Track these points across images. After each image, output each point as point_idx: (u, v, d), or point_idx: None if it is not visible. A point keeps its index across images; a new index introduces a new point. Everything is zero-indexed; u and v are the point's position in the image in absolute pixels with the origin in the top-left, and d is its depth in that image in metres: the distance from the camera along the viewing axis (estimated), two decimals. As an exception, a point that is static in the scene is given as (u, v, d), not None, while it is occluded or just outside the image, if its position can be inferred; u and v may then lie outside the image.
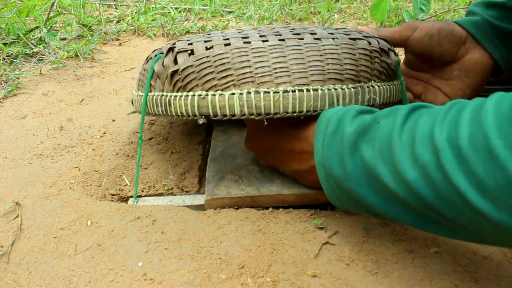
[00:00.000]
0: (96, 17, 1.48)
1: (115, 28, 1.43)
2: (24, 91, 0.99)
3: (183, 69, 0.50)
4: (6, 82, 1.01)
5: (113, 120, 0.85)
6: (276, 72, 0.48)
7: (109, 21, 1.50)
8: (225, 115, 0.48)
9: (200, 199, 0.61)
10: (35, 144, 0.76)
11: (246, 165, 0.64)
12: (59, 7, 1.56)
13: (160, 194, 0.64)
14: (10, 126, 0.82)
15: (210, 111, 0.48)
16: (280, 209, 0.57)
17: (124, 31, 1.43)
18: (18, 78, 1.04)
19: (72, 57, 1.19)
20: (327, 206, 0.59)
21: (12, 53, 1.16)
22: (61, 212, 0.57)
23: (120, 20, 1.51)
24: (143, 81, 0.59)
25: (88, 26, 1.40)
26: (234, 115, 0.48)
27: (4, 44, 1.20)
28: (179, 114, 0.50)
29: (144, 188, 0.65)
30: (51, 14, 1.37)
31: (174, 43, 0.53)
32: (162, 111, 0.53)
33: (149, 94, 0.56)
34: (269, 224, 0.54)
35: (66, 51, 1.19)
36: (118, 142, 0.77)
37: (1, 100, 0.94)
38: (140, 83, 0.62)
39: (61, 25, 1.42)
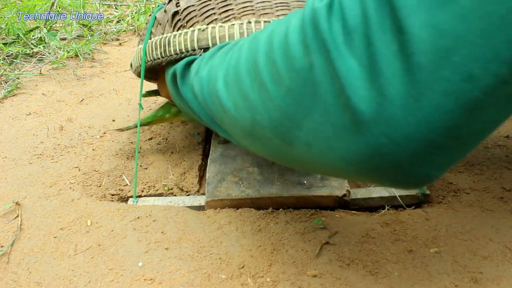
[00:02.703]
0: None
1: (115, 28, 1.43)
2: (24, 91, 0.99)
3: (185, 9, 0.51)
4: (6, 82, 1.01)
5: (113, 120, 0.85)
6: (277, 6, 0.49)
7: (109, 21, 1.50)
8: None
9: (200, 200, 0.61)
10: (35, 144, 0.76)
11: (246, 167, 0.64)
12: (59, 7, 1.56)
13: (160, 194, 0.64)
14: (10, 126, 0.82)
15: (210, 42, 0.48)
16: (280, 209, 0.57)
17: (124, 31, 1.43)
18: (18, 78, 1.04)
19: (72, 57, 1.19)
20: (327, 207, 0.59)
21: (12, 53, 1.16)
22: (61, 212, 0.57)
23: (120, 20, 1.51)
24: (144, 34, 0.59)
25: (88, 26, 1.40)
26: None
27: (4, 44, 1.19)
28: (178, 51, 0.50)
29: (144, 188, 0.65)
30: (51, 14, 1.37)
31: None
32: (161, 53, 0.53)
33: (149, 41, 0.56)
34: (269, 224, 0.54)
35: (66, 51, 1.19)
36: (118, 142, 0.77)
37: (1, 100, 0.94)
38: (141, 38, 0.62)
39: (61, 25, 1.42)
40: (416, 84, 0.22)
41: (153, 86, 0.92)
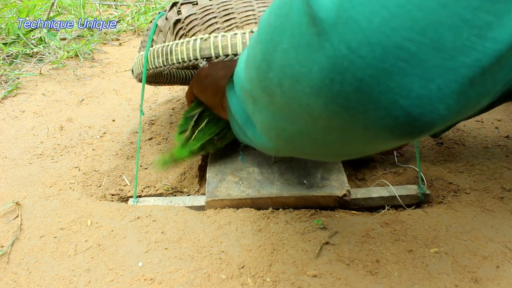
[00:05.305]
0: (96, 17, 1.47)
1: (115, 28, 1.43)
2: (24, 91, 0.99)
3: (186, 17, 0.51)
4: (6, 82, 1.01)
5: (113, 120, 0.85)
6: None
7: (109, 21, 1.50)
8: (227, 55, 0.48)
9: (200, 200, 0.61)
10: (35, 144, 0.76)
11: (246, 167, 0.64)
12: (59, 7, 1.56)
13: (160, 194, 0.64)
14: (10, 126, 0.82)
15: (212, 52, 0.48)
16: (280, 209, 0.57)
17: (124, 31, 1.43)
18: (18, 78, 1.04)
19: (72, 57, 1.19)
20: (327, 207, 0.59)
21: (12, 53, 1.16)
22: (61, 212, 0.57)
23: (120, 20, 1.51)
24: (145, 41, 0.59)
25: (88, 26, 1.40)
26: (236, 54, 0.47)
27: (4, 44, 1.20)
28: (180, 60, 0.50)
29: (144, 188, 0.65)
30: (51, 14, 1.37)
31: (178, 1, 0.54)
32: (163, 62, 0.52)
33: (150, 48, 0.56)
34: (269, 224, 0.54)
35: (66, 51, 1.19)
36: (118, 142, 0.77)
37: (1, 100, 0.94)
38: (142, 44, 0.62)
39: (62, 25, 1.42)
40: None
41: (152, 88, 0.92)
